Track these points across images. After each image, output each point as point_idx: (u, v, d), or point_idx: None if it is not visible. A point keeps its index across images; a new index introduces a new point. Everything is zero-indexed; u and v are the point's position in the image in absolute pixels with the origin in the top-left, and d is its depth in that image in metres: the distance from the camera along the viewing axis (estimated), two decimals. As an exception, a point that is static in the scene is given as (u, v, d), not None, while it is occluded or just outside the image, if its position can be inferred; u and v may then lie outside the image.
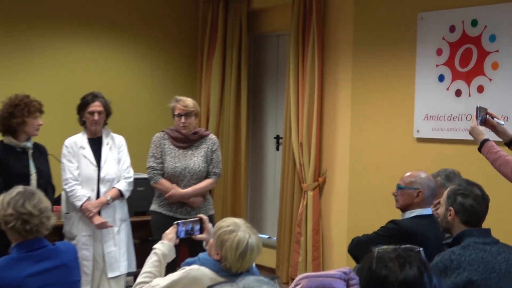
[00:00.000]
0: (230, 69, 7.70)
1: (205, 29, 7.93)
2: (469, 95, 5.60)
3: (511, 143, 3.94)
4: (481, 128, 3.96)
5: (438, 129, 5.75)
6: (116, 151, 5.27)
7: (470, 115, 4.14)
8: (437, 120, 5.79)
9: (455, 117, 5.64)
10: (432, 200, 4.10)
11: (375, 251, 2.05)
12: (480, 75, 5.54)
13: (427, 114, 5.90)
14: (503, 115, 4.94)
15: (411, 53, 5.98)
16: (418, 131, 5.96)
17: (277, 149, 7.70)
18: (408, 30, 5.99)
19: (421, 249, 2.09)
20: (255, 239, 3.18)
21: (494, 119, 4.01)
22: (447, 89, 5.76)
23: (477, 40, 5.56)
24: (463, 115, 5.57)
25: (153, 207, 5.30)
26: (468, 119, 5.39)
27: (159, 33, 7.97)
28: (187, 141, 5.24)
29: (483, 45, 5.52)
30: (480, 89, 5.53)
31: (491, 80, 5.47)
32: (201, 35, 8.06)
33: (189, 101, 5.22)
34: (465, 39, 5.64)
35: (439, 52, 5.80)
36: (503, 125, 4.01)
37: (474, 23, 5.57)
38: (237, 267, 3.14)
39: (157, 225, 5.07)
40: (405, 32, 6.02)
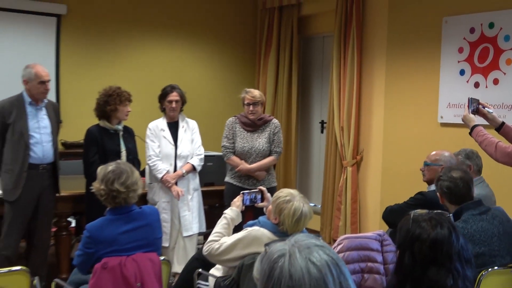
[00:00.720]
0: (283, 65, 7.68)
1: (262, 33, 7.91)
2: (486, 87, 5.49)
3: (499, 128, 3.88)
4: (472, 116, 3.92)
5: (459, 116, 5.57)
6: (190, 133, 5.29)
7: (487, 103, 4.09)
8: (458, 108, 5.68)
9: (474, 106, 5.55)
10: (454, 175, 4.03)
11: (412, 213, 2.04)
12: (495, 70, 5.42)
13: (449, 102, 5.80)
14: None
15: (436, 51, 5.88)
16: (441, 117, 5.87)
17: (322, 132, 7.66)
18: (434, 31, 5.89)
19: (451, 215, 2.06)
20: (307, 208, 3.18)
21: (485, 108, 3.96)
22: (467, 81, 5.65)
23: (493, 40, 5.43)
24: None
25: (226, 178, 5.33)
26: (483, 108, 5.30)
27: (225, 36, 8.02)
28: (254, 125, 5.23)
29: (498, 44, 5.40)
30: (495, 82, 5.43)
31: (505, 74, 5.36)
32: (259, 37, 8.04)
33: (256, 93, 5.20)
34: (483, 39, 5.52)
35: (461, 50, 5.69)
36: (492, 113, 3.96)
37: (491, 25, 5.44)
38: (292, 230, 3.14)
39: (228, 193, 5.14)
40: (431, 33, 5.92)
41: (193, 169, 5.23)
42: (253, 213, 4.62)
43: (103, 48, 7.15)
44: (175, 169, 5.16)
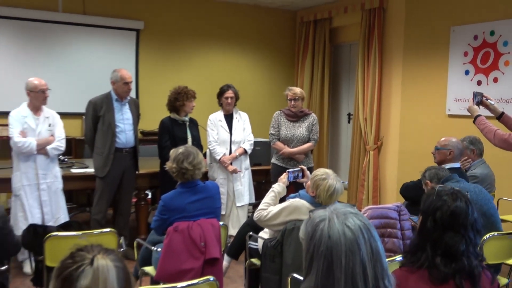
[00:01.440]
0: (317, 68, 7.61)
1: (300, 41, 7.86)
2: (487, 84, 5.35)
3: (500, 117, 3.80)
4: (476, 107, 3.85)
5: (463, 108, 5.49)
6: (242, 123, 5.30)
7: (489, 96, 4.01)
8: (463, 102, 5.54)
9: (476, 100, 5.43)
10: (460, 157, 3.95)
11: (436, 187, 2.00)
12: (495, 70, 5.29)
13: (456, 97, 5.67)
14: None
15: (445, 55, 5.76)
16: (449, 109, 5.74)
17: (349, 122, 7.58)
18: (443, 38, 5.76)
19: (468, 192, 2.02)
20: (340, 185, 3.15)
21: (488, 100, 3.88)
22: (471, 80, 5.51)
23: (494, 45, 5.28)
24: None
25: (272, 160, 5.30)
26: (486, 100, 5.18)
27: (270, 45, 7.98)
28: (296, 116, 5.19)
29: (498, 49, 5.25)
30: (495, 80, 5.28)
31: (503, 73, 5.21)
32: (297, 45, 7.99)
33: (297, 90, 5.15)
34: (485, 44, 5.37)
35: (466, 54, 5.55)
36: (494, 104, 3.88)
37: (492, 33, 5.29)
38: (326, 202, 3.12)
39: (274, 172, 5.12)
40: (441, 40, 5.79)
41: (245, 152, 5.25)
42: (294, 188, 4.62)
43: (173, 55, 7.23)
44: (230, 152, 5.19)
